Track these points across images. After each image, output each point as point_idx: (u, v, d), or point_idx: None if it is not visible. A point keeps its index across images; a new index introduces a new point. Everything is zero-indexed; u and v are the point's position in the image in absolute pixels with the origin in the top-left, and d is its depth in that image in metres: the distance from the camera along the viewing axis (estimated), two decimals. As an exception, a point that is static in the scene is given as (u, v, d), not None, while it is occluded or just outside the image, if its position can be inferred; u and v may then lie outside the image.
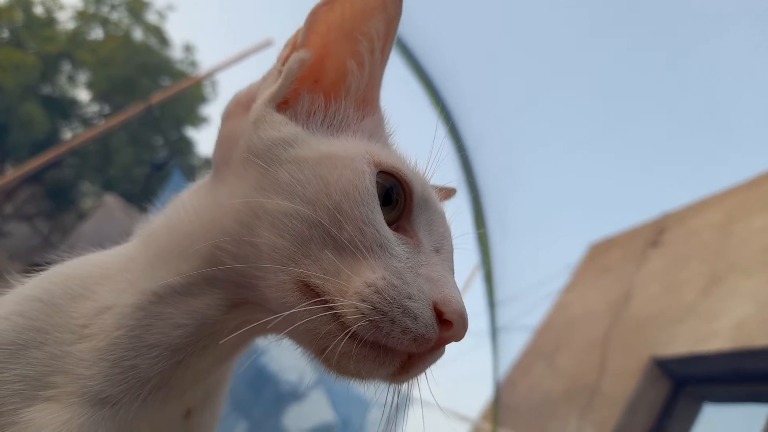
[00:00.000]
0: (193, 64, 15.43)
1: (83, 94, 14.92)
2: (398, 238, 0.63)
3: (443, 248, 0.67)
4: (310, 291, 0.59)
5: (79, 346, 0.61)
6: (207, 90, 15.64)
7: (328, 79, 0.72)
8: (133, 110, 6.10)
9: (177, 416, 0.69)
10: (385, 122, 0.77)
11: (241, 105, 0.73)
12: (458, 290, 0.62)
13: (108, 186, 13.52)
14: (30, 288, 0.67)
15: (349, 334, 0.56)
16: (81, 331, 0.62)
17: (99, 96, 14.67)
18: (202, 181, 0.74)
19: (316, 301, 0.58)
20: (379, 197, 0.63)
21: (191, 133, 16.00)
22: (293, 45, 0.70)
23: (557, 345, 4.80)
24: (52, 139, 12.35)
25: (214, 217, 0.65)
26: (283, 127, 0.67)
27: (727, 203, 4.02)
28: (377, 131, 0.74)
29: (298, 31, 0.70)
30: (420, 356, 0.59)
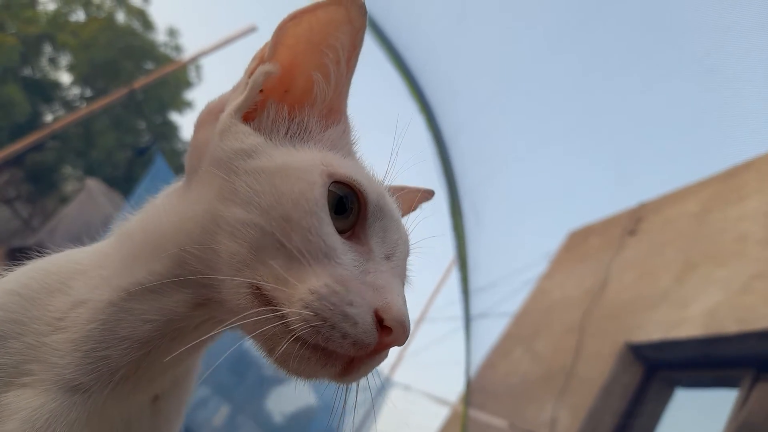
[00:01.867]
0: (177, 48, 15.25)
1: (65, 77, 14.69)
2: (348, 247, 0.66)
3: (395, 255, 0.70)
4: (261, 296, 0.63)
5: (54, 337, 0.66)
6: (191, 75, 15.48)
7: (295, 91, 0.75)
8: (116, 94, 6.04)
9: (145, 401, 0.75)
10: (351, 131, 0.80)
11: (212, 114, 0.76)
12: (402, 297, 0.65)
13: (90, 170, 13.36)
14: (10, 282, 0.71)
15: (293, 337, 0.60)
16: (57, 323, 0.67)
17: (81, 79, 14.45)
18: (176, 185, 0.78)
19: (266, 306, 0.62)
20: (332, 206, 0.66)
21: (175, 117, 15.85)
22: (261, 58, 0.73)
23: (535, 330, 4.88)
24: (33, 122, 12.16)
25: (182, 222, 0.69)
26: (245, 138, 0.70)
27: (704, 193, 4.09)
28: (341, 140, 0.77)
29: (266, 45, 0.73)
30: (361, 359, 0.63)
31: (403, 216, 0.92)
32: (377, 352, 0.63)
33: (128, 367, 0.67)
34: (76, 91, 14.90)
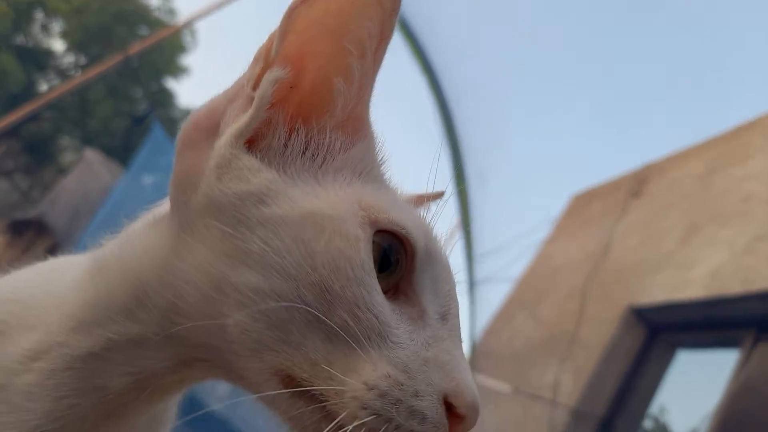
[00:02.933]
0: (171, 12, 14.97)
1: (58, 44, 14.49)
2: (399, 314, 0.53)
3: (450, 312, 0.57)
4: (293, 383, 0.51)
5: (24, 378, 0.60)
6: (186, 39, 15.25)
7: (308, 98, 0.58)
8: (111, 61, 5.94)
9: None
10: (377, 147, 0.63)
11: (201, 129, 0.58)
12: (469, 372, 0.54)
13: (87, 140, 13.30)
14: None
15: None
16: (29, 363, 0.60)
17: (74, 46, 14.25)
18: (159, 213, 0.63)
19: (302, 396, 0.51)
20: (375, 262, 0.53)
21: (171, 84, 15.70)
22: (266, 59, 0.56)
23: (539, 295, 4.91)
24: (28, 92, 12.03)
25: (165, 275, 0.56)
26: (253, 176, 0.54)
27: (708, 153, 4.05)
28: (367, 160, 0.61)
29: (271, 39, 0.56)
30: None
31: None
32: None
33: (98, 416, 0.60)
34: (70, 58, 14.71)
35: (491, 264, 3.93)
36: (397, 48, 0.60)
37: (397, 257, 0.55)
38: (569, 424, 3.60)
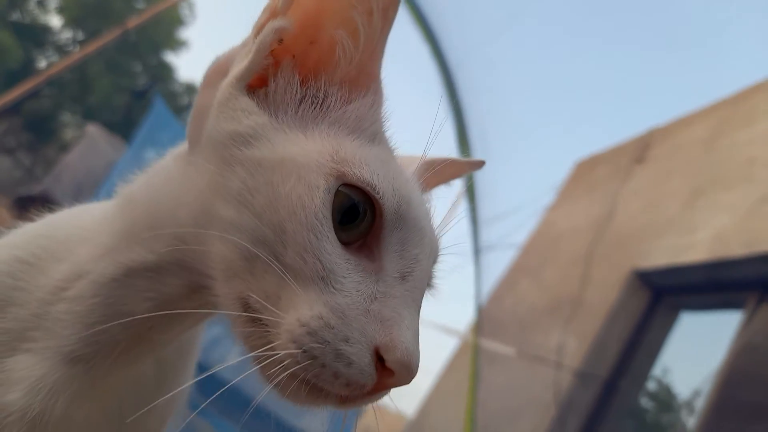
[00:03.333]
0: (168, -16, 14.74)
1: (55, 20, 14.33)
2: (353, 265, 0.56)
3: (412, 274, 0.59)
4: (249, 309, 0.56)
5: (58, 306, 0.64)
6: (184, 12, 15.05)
7: (320, 48, 0.61)
8: (109, 36, 5.88)
9: (150, 363, 0.72)
10: (382, 103, 0.65)
11: (219, 72, 0.64)
12: (412, 331, 0.55)
13: (88, 115, 13.25)
14: (18, 247, 0.69)
15: (281, 366, 0.53)
16: (61, 293, 0.65)
17: (72, 21, 14.09)
18: (183, 149, 0.68)
19: (255, 325, 0.55)
20: (338, 211, 0.56)
21: (170, 58, 15.55)
22: (273, 9, 0.59)
23: (543, 261, 4.93)
24: (26, 68, 11.95)
25: (177, 204, 0.61)
26: (245, 117, 0.59)
27: (713, 117, 4.02)
28: (367, 117, 0.64)
29: None
30: (355, 398, 0.55)
31: (438, 185, 0.83)
32: (375, 392, 0.55)
33: (128, 341, 0.65)
34: (67, 34, 14.56)
35: (495, 231, 3.95)
36: (399, 15, 0.62)
37: (366, 209, 0.57)
38: (574, 386, 3.66)
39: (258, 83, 0.61)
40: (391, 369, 0.53)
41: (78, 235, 0.69)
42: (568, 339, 3.84)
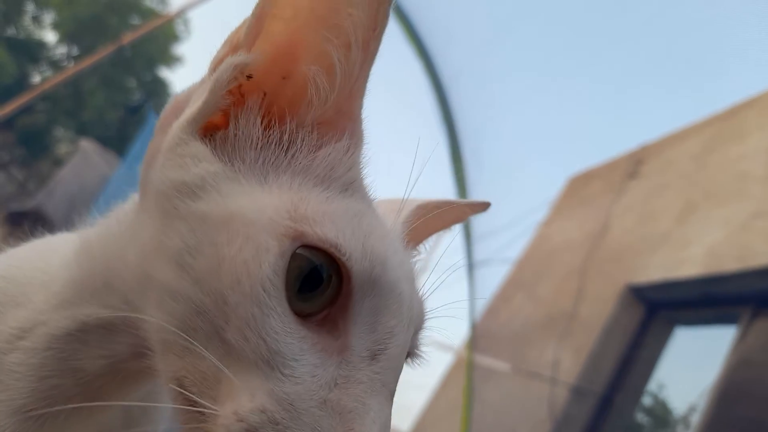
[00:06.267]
0: (163, 1, 14.84)
1: (50, 36, 14.38)
2: (310, 344, 0.47)
3: (385, 352, 0.49)
4: (184, 394, 0.48)
5: (11, 357, 0.60)
6: (179, 28, 15.13)
7: (292, 85, 0.53)
8: (104, 51, 5.90)
9: (115, 415, 0.67)
10: (360, 147, 0.56)
11: (174, 115, 0.55)
12: (379, 424, 0.46)
13: (82, 131, 13.24)
14: None
15: None
16: (16, 341, 0.60)
17: (66, 37, 14.14)
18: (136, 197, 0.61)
19: (190, 407, 0.47)
20: (299, 279, 0.47)
21: (165, 73, 15.60)
22: (234, 42, 0.51)
23: (537, 275, 4.94)
24: (21, 84, 11.95)
25: (122, 262, 0.54)
26: (194, 164, 0.50)
27: (705, 133, 4.06)
28: (340, 165, 0.54)
29: (243, 23, 0.51)
30: None
31: (434, 233, 0.74)
32: None
33: (82, 396, 0.60)
34: (62, 49, 14.60)
35: (489, 246, 3.95)
36: (390, 31, 0.56)
37: (331, 274, 0.48)
38: (569, 401, 3.64)
39: (221, 123, 0.53)
40: None
41: (38, 279, 0.63)
42: (563, 354, 3.83)
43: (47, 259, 0.66)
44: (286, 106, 0.53)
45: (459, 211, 0.72)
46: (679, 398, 3.63)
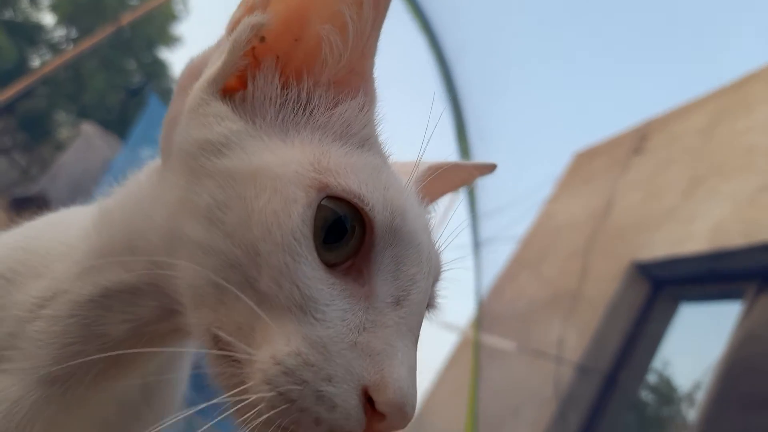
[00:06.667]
0: (161, -20, 14.68)
1: (48, 18, 14.26)
2: (338, 290, 0.49)
3: (408, 298, 0.51)
4: (219, 344, 0.50)
5: (34, 325, 0.61)
6: (178, 8, 14.99)
7: (303, 47, 0.55)
8: (103, 33, 5.85)
9: (133, 384, 0.68)
10: (374, 105, 0.59)
11: (193, 76, 0.57)
12: (407, 366, 0.48)
13: (83, 114, 13.21)
14: None
15: (256, 411, 0.46)
16: (37, 310, 0.62)
17: (65, 19, 14.03)
18: (157, 163, 0.63)
19: (226, 359, 0.50)
20: (320, 229, 0.49)
21: (165, 54, 15.50)
22: (249, 4, 0.53)
23: (542, 254, 4.93)
24: (20, 68, 11.89)
25: (148, 224, 0.56)
26: (217, 124, 0.53)
27: (711, 107, 4.01)
28: (356, 121, 0.57)
29: None
30: None
31: (443, 195, 0.76)
32: None
33: (105, 362, 0.60)
34: (61, 32, 14.50)
35: (493, 224, 3.94)
36: (394, 5, 0.56)
37: (354, 225, 0.50)
38: (574, 379, 3.65)
39: (237, 86, 0.55)
40: (381, 412, 0.46)
41: (57, 250, 0.65)
42: (568, 332, 3.84)
43: (64, 230, 0.67)
44: (301, 66, 0.55)
45: (466, 173, 0.75)
46: (684, 375, 3.64)
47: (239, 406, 0.47)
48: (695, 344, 3.69)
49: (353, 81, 0.57)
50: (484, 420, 4.01)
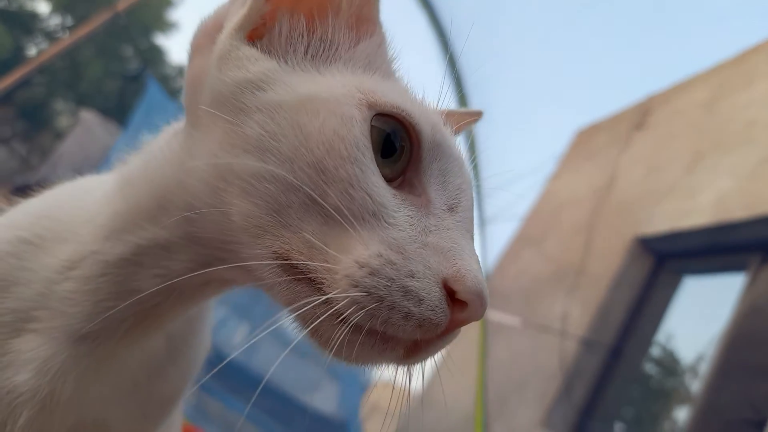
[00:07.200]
0: (155, -35, 14.53)
1: (43, 6, 14.14)
2: (400, 200, 0.53)
3: (460, 205, 0.56)
4: (292, 269, 0.51)
5: (65, 285, 0.63)
6: (173, -7, 14.86)
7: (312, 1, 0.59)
8: (98, 20, 5.80)
9: (160, 338, 0.71)
10: (387, 44, 0.64)
11: (207, 35, 0.61)
12: (476, 260, 0.52)
13: (81, 102, 13.15)
14: (20, 228, 0.67)
15: (341, 320, 0.48)
16: (67, 272, 0.64)
17: (60, 6, 13.90)
18: (178, 125, 0.66)
19: (302, 282, 0.51)
20: (376, 146, 0.52)
21: (161, 40, 15.37)
22: None
23: (545, 231, 4.94)
24: (16, 57, 11.81)
25: (182, 177, 0.58)
26: (252, 64, 0.56)
27: (712, 81, 3.99)
28: (376, 57, 0.62)
29: None
30: (428, 341, 0.51)
31: None
32: (449, 331, 0.50)
33: (135, 317, 0.64)
34: (56, 20, 14.37)
35: (496, 202, 3.94)
36: None
37: (402, 144, 0.54)
38: (579, 353, 3.69)
39: (261, 32, 0.59)
40: (462, 301, 0.49)
41: (80, 216, 0.67)
42: (572, 307, 3.86)
43: (84, 197, 0.70)
44: (312, 13, 0.59)
45: (457, 118, 0.77)
46: (688, 348, 3.67)
47: (321, 320, 0.49)
48: (698, 317, 3.72)
49: (362, 27, 0.62)
50: (491, 395, 4.05)
